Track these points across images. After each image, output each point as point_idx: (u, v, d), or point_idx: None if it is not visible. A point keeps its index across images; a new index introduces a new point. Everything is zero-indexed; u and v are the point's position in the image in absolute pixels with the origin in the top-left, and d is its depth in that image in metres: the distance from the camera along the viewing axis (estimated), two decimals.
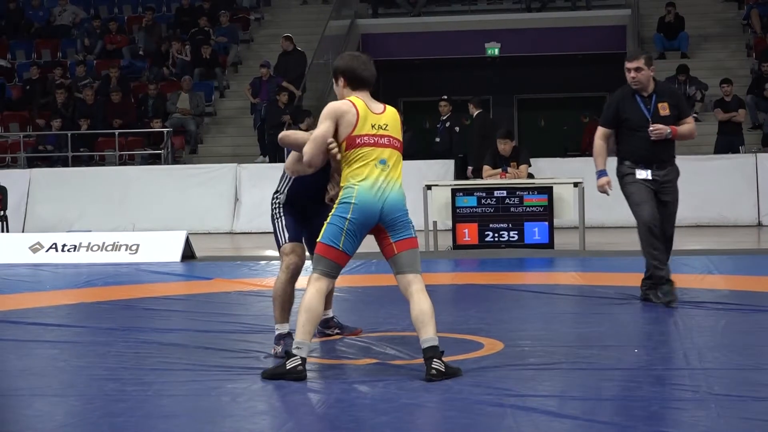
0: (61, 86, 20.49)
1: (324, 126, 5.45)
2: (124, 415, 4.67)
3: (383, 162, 5.45)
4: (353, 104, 5.48)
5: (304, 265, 6.13)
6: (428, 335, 5.28)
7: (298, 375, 5.20)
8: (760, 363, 5.53)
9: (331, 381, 5.30)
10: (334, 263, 5.40)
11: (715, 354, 5.82)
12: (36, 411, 4.85)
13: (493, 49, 22.51)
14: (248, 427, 4.53)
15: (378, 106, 5.57)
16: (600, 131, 7.83)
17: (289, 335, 5.94)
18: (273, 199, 6.27)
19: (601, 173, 7.81)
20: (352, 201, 5.37)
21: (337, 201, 5.45)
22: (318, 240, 5.45)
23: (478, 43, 22.48)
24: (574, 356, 5.80)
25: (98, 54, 22.54)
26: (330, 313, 6.60)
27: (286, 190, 6.20)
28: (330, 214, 5.44)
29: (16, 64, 22.82)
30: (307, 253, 6.17)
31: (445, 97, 16.40)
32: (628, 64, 7.70)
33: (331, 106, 5.50)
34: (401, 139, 5.60)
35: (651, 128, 7.61)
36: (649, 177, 7.69)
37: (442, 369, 5.20)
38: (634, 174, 7.69)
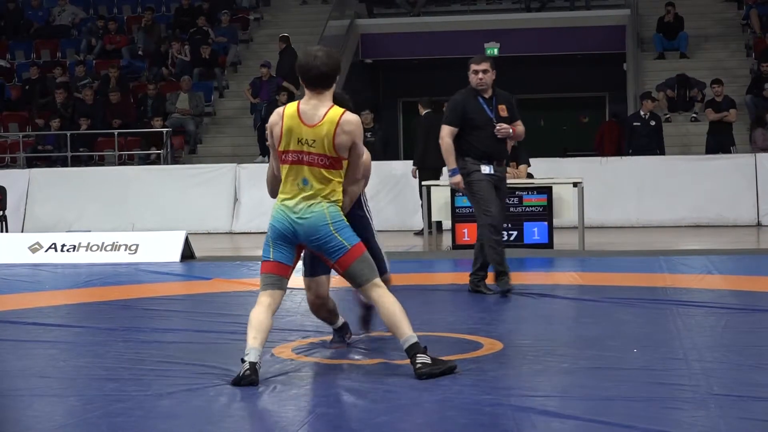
0: (60, 86, 20.49)
1: (269, 138, 5.42)
2: (123, 415, 4.67)
3: (305, 182, 5.27)
4: (283, 115, 5.28)
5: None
6: (405, 335, 5.21)
7: (249, 381, 5.07)
8: (759, 363, 5.53)
9: (331, 381, 5.30)
10: (271, 274, 5.35)
11: (715, 354, 5.82)
12: (35, 411, 4.84)
13: (493, 49, 22.51)
14: (247, 427, 4.52)
15: (316, 115, 5.22)
16: (448, 130, 8.29)
17: (346, 326, 6.16)
18: None
19: (455, 171, 8.29)
20: (270, 221, 5.37)
21: None
22: None
23: (478, 43, 22.47)
24: (573, 356, 5.79)
25: (98, 54, 22.55)
26: (340, 321, 6.23)
27: None
28: None
29: (15, 64, 22.82)
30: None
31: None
32: (475, 66, 8.26)
33: (271, 117, 5.39)
34: (335, 154, 5.22)
35: (498, 127, 8.19)
36: (492, 172, 8.25)
37: (428, 361, 5.12)
38: (479, 170, 8.21)
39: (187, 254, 11.89)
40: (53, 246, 12.21)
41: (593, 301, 7.97)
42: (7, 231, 15.42)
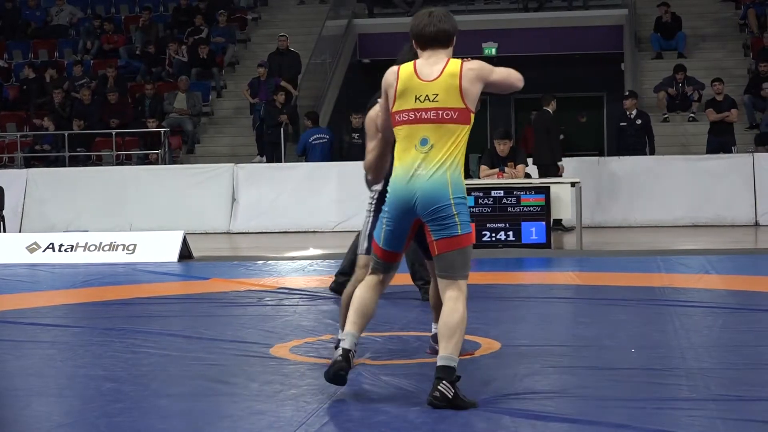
0: (58, 86, 20.49)
1: (383, 100, 4.97)
2: (121, 414, 4.67)
3: (424, 142, 4.74)
4: (397, 74, 4.85)
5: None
6: (445, 352, 4.64)
7: (339, 368, 4.79)
8: (757, 363, 5.54)
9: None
10: (379, 259, 4.94)
11: (712, 354, 5.83)
12: (34, 411, 4.85)
13: (491, 49, 22.51)
14: (246, 427, 4.52)
15: (433, 71, 4.85)
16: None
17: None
18: (371, 192, 5.62)
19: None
20: (388, 191, 4.85)
21: None
22: None
23: (476, 43, 22.47)
24: (571, 356, 5.80)
25: (95, 54, 22.54)
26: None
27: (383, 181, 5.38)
28: None
29: (13, 64, 22.82)
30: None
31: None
32: None
33: (384, 78, 4.94)
34: (463, 105, 4.79)
35: None
36: None
37: (449, 395, 4.55)
38: None
39: (185, 254, 11.89)
40: (51, 246, 12.21)
41: (591, 301, 7.98)
42: (4, 231, 15.40)
